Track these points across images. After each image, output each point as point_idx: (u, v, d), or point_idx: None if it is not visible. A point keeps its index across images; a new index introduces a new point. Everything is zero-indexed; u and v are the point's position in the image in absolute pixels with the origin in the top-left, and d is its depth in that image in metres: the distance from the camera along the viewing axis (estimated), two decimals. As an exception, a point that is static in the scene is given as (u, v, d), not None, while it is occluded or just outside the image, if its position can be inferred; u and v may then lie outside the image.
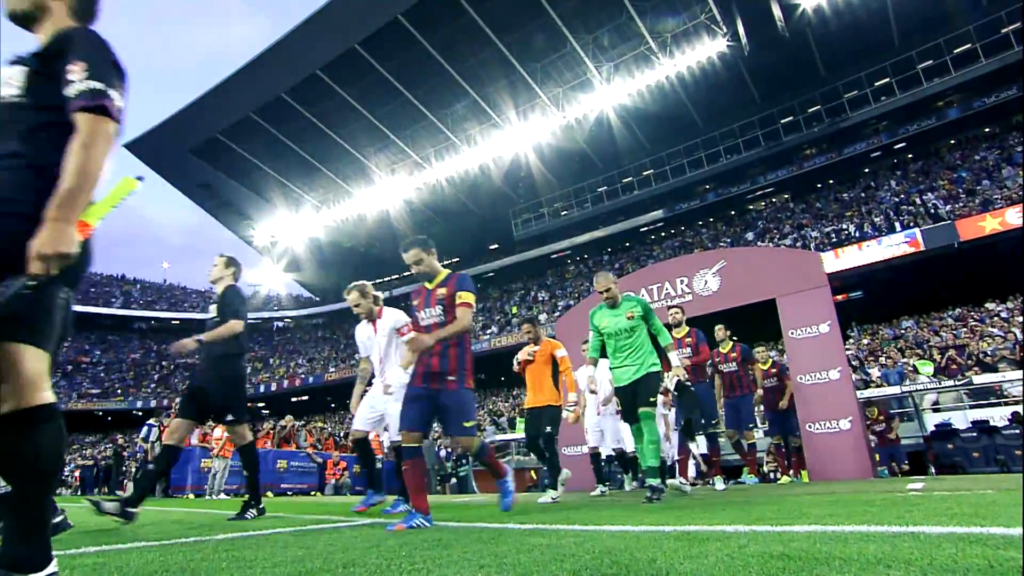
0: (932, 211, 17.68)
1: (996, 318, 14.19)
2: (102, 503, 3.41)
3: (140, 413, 12.14)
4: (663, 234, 28.44)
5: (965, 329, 13.94)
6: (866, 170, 23.41)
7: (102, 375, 38.04)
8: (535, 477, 12.09)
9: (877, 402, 9.02)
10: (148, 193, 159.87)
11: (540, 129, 24.83)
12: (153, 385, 37.27)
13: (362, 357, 4.57)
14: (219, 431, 10.67)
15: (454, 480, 13.42)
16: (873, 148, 22.93)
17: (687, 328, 5.94)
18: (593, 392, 4.83)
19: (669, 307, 6.22)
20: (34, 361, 1.23)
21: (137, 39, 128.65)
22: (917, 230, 16.61)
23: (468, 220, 31.56)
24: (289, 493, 11.95)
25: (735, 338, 7.04)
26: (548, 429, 5.02)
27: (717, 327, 6.90)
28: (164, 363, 39.31)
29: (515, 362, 5.26)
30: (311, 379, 31.71)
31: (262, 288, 40.30)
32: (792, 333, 6.76)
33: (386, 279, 36.49)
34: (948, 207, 17.57)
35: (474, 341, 26.60)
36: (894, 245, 16.85)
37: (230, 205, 32.59)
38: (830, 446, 6.21)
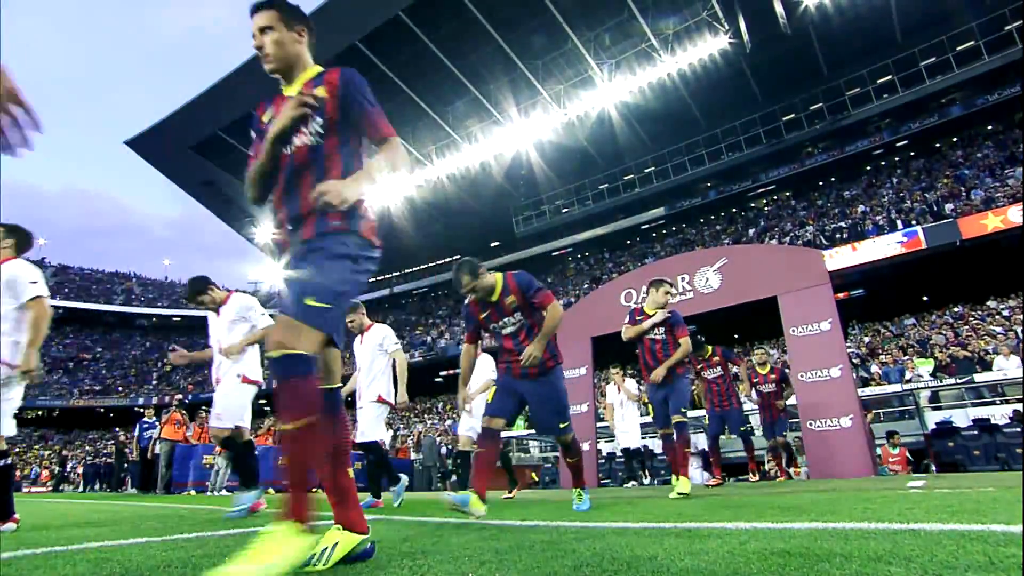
0: (934, 209, 17.64)
1: (998, 316, 14.18)
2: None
3: (142, 410, 12.16)
4: (664, 231, 28.40)
5: (966, 327, 13.93)
6: (868, 167, 23.36)
7: (104, 372, 38.15)
8: (535, 477, 12.11)
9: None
10: (132, 186, 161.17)
11: (541, 126, 24.78)
12: (155, 382, 37.35)
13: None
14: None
15: (454, 477, 13.44)
16: (875, 146, 22.88)
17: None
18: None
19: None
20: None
21: (107, 21, 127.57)
22: (919, 228, 16.57)
23: (469, 217, 31.54)
24: (290, 490, 11.97)
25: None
26: None
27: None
28: (165, 360, 39.36)
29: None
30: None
31: (263, 286, 40.32)
32: (793, 331, 6.75)
33: (386, 277, 36.51)
34: (951, 205, 17.54)
35: (475, 338, 26.71)
36: (895, 243, 16.82)
37: (232, 203, 32.56)
38: (831, 443, 6.22)
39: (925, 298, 18.15)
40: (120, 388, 36.62)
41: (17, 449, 31.38)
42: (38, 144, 1.31)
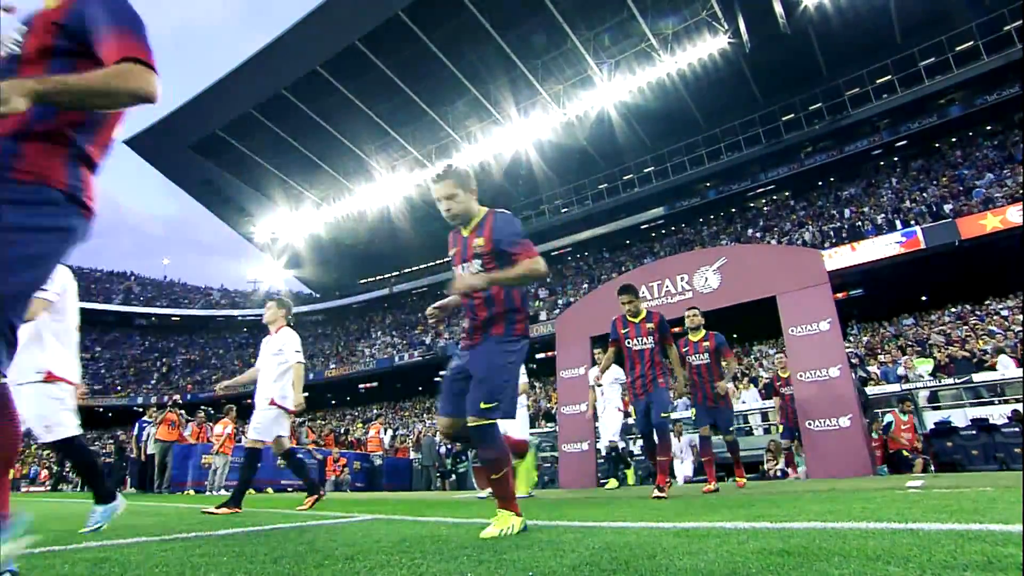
0: (933, 209, 17.65)
1: (996, 316, 14.19)
2: None
3: (141, 409, 12.13)
4: (664, 231, 28.41)
5: (965, 327, 13.94)
6: (867, 168, 23.37)
7: (103, 371, 38.07)
8: (536, 476, 12.10)
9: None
10: (129, 185, 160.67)
11: (541, 126, 24.79)
12: (154, 381, 37.31)
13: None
14: (219, 427, 10.69)
15: (453, 477, 13.44)
16: (874, 146, 22.89)
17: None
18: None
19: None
20: None
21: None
22: (918, 228, 16.58)
23: (469, 217, 31.52)
24: (289, 489, 11.97)
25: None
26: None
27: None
28: (165, 359, 39.34)
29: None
30: (311, 375, 31.69)
31: (262, 285, 40.32)
32: (792, 330, 6.75)
33: (386, 276, 36.50)
34: (950, 205, 17.54)
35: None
36: (894, 243, 16.83)
37: (231, 202, 32.58)
38: (829, 443, 6.22)
39: (924, 298, 18.16)
40: (119, 387, 36.56)
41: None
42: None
